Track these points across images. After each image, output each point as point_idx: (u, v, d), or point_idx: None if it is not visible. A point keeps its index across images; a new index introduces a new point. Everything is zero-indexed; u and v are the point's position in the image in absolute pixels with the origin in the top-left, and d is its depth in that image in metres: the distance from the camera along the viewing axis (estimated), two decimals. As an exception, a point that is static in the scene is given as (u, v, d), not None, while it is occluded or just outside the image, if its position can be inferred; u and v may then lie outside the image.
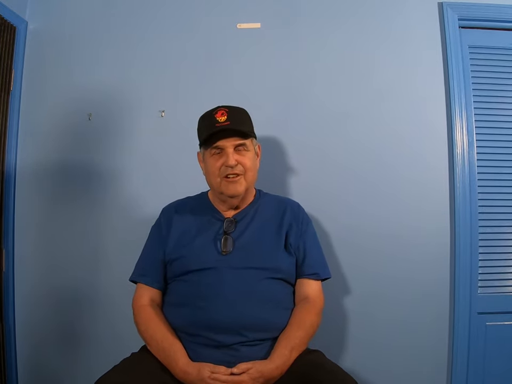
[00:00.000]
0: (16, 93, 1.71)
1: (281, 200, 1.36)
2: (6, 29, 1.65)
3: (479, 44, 1.72)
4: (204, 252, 1.20)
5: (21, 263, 1.68)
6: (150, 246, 1.30)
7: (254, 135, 1.28)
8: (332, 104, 1.68)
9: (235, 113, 1.23)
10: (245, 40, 1.71)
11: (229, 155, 1.19)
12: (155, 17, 1.74)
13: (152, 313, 1.18)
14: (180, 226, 1.26)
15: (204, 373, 1.03)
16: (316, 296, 1.24)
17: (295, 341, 1.12)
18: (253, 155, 1.26)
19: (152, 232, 1.32)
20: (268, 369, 1.05)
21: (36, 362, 1.66)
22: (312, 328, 1.18)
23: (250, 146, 1.25)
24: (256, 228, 1.25)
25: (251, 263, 1.18)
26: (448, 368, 1.60)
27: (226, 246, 1.20)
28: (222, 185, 1.22)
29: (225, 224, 1.24)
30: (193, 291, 1.16)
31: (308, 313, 1.19)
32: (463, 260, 1.61)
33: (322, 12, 1.71)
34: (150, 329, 1.15)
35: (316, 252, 1.29)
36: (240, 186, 1.22)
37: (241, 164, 1.21)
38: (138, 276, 1.26)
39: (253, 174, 1.26)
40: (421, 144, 1.66)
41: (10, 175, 1.68)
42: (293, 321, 1.16)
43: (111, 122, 1.71)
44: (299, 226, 1.27)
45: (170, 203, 1.36)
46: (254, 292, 1.14)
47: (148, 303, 1.21)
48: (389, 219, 1.63)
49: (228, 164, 1.19)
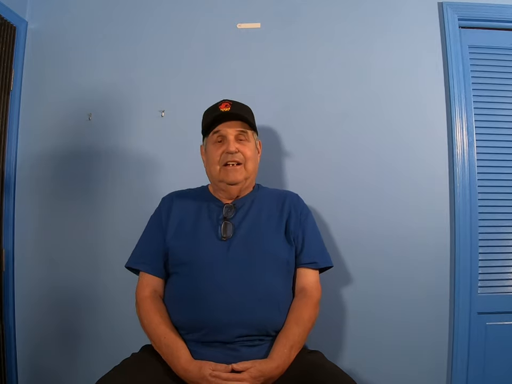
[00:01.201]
0: (16, 93, 1.71)
1: (280, 192, 1.37)
2: (6, 29, 1.65)
3: (479, 44, 1.72)
4: (204, 238, 1.20)
5: (21, 263, 1.68)
6: (149, 234, 1.28)
7: (255, 130, 1.29)
8: (331, 104, 1.68)
9: (239, 105, 1.26)
10: (245, 40, 1.71)
11: (230, 142, 1.21)
12: (155, 17, 1.74)
13: (154, 307, 1.17)
14: (180, 214, 1.26)
15: (205, 371, 1.03)
16: (313, 287, 1.22)
17: (294, 339, 1.11)
18: (253, 146, 1.27)
19: (152, 220, 1.30)
20: (268, 368, 1.05)
21: (35, 362, 1.66)
22: (310, 323, 1.17)
23: (252, 138, 1.27)
24: (256, 214, 1.25)
25: (251, 251, 1.17)
26: (448, 368, 1.60)
27: (226, 231, 1.20)
28: (221, 173, 1.23)
29: (225, 209, 1.24)
30: (193, 288, 1.15)
31: (306, 307, 1.18)
32: (463, 260, 1.61)
33: (322, 12, 1.71)
34: (153, 324, 1.14)
35: (315, 241, 1.28)
36: (240, 174, 1.23)
37: (241, 152, 1.22)
38: (138, 263, 1.24)
39: (254, 165, 1.27)
40: (421, 144, 1.66)
41: (10, 175, 1.68)
42: (291, 317, 1.16)
43: (111, 122, 1.71)
44: (298, 216, 1.27)
45: (170, 193, 1.35)
46: (254, 289, 1.13)
47: (151, 294, 1.19)
48: (388, 219, 1.63)
49: (228, 150, 1.20)
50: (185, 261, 1.18)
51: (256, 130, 1.31)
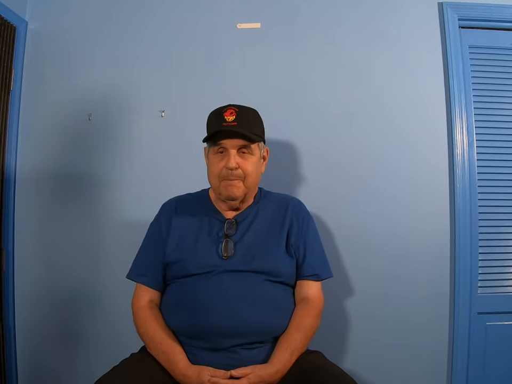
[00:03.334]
0: (16, 93, 1.71)
1: (283, 198, 1.34)
2: (6, 29, 1.65)
3: (479, 44, 1.72)
4: (204, 255, 1.19)
5: (21, 263, 1.68)
6: (149, 245, 1.28)
7: (261, 139, 1.26)
8: (331, 104, 1.68)
9: (244, 114, 1.21)
10: (245, 40, 1.71)
11: (231, 157, 1.18)
12: (155, 17, 1.74)
13: (151, 315, 1.17)
14: (180, 227, 1.25)
15: (203, 377, 1.03)
16: (316, 297, 1.23)
17: (295, 344, 1.11)
18: (256, 159, 1.24)
19: (151, 230, 1.29)
20: (267, 374, 1.04)
21: (35, 362, 1.66)
22: (311, 330, 1.17)
23: (256, 150, 1.23)
24: (258, 229, 1.24)
25: (251, 266, 1.17)
26: (448, 368, 1.60)
27: (227, 250, 1.19)
28: (220, 187, 1.21)
29: (226, 226, 1.23)
30: (192, 294, 1.15)
31: (307, 315, 1.18)
32: (463, 260, 1.61)
33: (322, 12, 1.71)
34: (150, 331, 1.14)
35: (316, 252, 1.27)
36: (238, 190, 1.20)
37: (241, 168, 1.19)
38: (137, 275, 1.25)
39: (253, 179, 1.23)
40: (421, 144, 1.66)
41: (10, 175, 1.68)
42: (293, 323, 1.16)
43: (111, 123, 1.71)
44: (300, 225, 1.26)
45: (170, 199, 1.34)
46: (253, 295, 1.13)
47: (147, 304, 1.20)
48: (389, 219, 1.63)
49: (228, 166, 1.18)
50: (185, 274, 1.18)
51: (264, 138, 1.28)
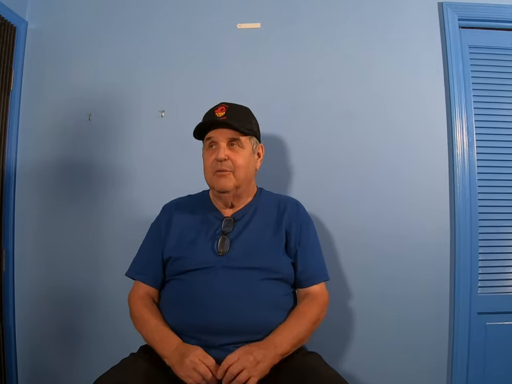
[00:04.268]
0: (16, 93, 1.71)
1: (282, 199, 1.34)
2: (6, 29, 1.65)
3: (479, 44, 1.72)
4: (201, 252, 1.20)
5: (21, 263, 1.68)
6: (149, 244, 1.29)
7: (252, 134, 1.26)
8: (331, 104, 1.68)
9: (234, 109, 1.23)
10: (245, 40, 1.71)
11: (220, 149, 1.20)
12: (155, 17, 1.74)
13: (145, 305, 1.19)
14: (180, 225, 1.26)
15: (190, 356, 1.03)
16: (319, 293, 1.23)
17: (296, 328, 1.12)
18: (248, 153, 1.24)
19: (151, 230, 1.31)
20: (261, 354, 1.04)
21: (35, 361, 1.67)
22: (316, 317, 1.17)
23: (247, 144, 1.24)
24: (255, 227, 1.25)
25: (248, 262, 1.17)
26: (448, 368, 1.60)
27: (223, 246, 1.19)
28: (213, 180, 1.22)
29: (224, 223, 1.24)
30: (189, 290, 1.16)
31: (311, 306, 1.19)
32: (463, 260, 1.60)
33: (322, 12, 1.71)
34: (144, 319, 1.16)
35: (315, 258, 1.28)
36: (229, 181, 1.21)
37: (231, 160, 1.20)
38: (136, 273, 1.27)
39: (245, 172, 1.23)
40: (421, 144, 1.66)
41: (10, 175, 1.68)
42: (295, 312, 1.17)
43: (111, 123, 1.71)
44: (298, 228, 1.26)
45: (171, 200, 1.36)
46: (250, 292, 1.14)
47: (142, 295, 1.22)
48: (388, 219, 1.63)
49: (217, 157, 1.19)
50: (182, 270, 1.19)
51: (256, 134, 1.29)
